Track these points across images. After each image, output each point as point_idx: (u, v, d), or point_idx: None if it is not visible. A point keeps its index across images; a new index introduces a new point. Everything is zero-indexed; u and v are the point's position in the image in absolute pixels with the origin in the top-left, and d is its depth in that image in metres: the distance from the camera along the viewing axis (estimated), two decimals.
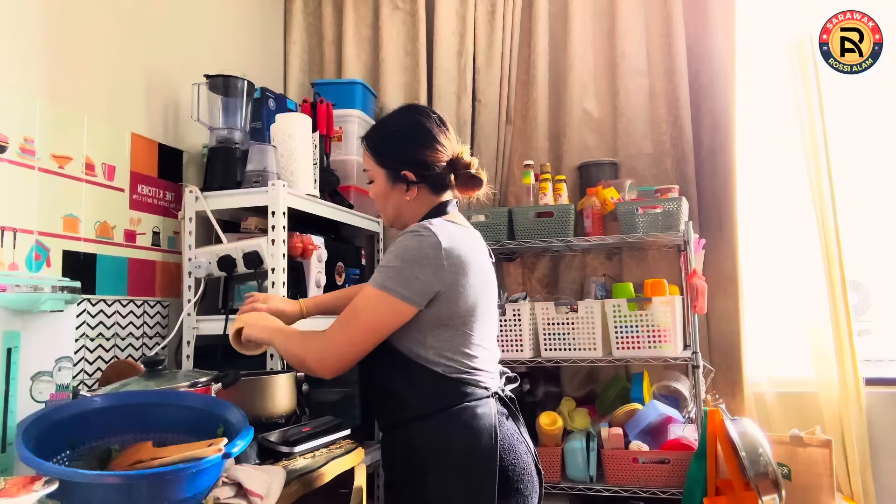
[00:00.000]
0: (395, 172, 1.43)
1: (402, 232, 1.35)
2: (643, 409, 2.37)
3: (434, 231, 1.30)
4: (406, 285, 1.27)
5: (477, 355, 1.35)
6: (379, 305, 1.28)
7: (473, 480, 1.27)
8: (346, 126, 2.63)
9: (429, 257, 1.28)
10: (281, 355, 1.45)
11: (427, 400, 1.31)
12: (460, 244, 1.33)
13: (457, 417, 1.30)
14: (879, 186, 2.64)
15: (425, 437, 1.30)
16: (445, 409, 1.30)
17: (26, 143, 1.67)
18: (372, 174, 1.48)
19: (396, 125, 1.48)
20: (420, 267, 1.27)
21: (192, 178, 2.27)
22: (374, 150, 1.47)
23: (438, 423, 1.30)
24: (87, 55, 1.89)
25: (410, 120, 1.47)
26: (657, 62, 2.74)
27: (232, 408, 1.18)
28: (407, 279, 1.27)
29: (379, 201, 1.49)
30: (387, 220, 1.51)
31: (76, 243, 1.81)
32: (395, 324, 1.29)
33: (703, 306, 2.30)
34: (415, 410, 1.31)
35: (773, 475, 1.93)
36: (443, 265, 1.28)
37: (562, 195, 2.59)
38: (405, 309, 1.28)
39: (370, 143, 1.49)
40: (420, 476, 1.29)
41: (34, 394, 1.14)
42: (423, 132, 1.43)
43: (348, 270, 2.44)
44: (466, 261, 1.32)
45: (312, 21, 3.07)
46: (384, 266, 1.30)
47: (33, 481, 0.88)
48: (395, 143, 1.45)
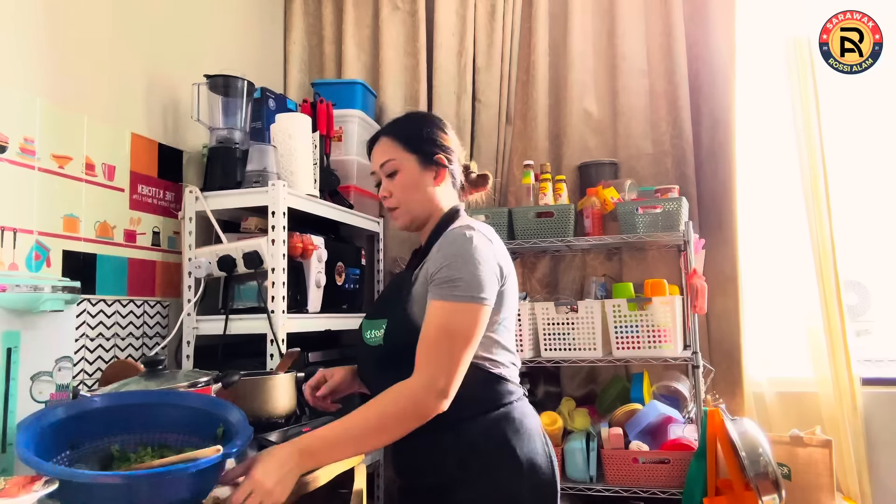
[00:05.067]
0: (426, 157, 1.41)
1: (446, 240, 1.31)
2: (643, 409, 2.37)
3: (480, 230, 1.32)
4: (483, 289, 1.25)
5: (513, 352, 1.38)
6: (467, 317, 1.24)
7: (537, 481, 1.30)
8: (346, 126, 2.63)
9: (487, 257, 1.28)
10: (364, 449, 1.24)
11: (481, 398, 1.30)
12: (498, 241, 1.37)
13: (510, 416, 1.31)
14: (879, 186, 2.64)
15: (483, 435, 1.29)
16: (499, 406, 1.31)
17: (26, 143, 1.67)
18: (397, 164, 1.41)
19: (418, 115, 1.50)
20: (487, 268, 1.27)
21: (192, 178, 2.27)
22: (403, 136, 1.42)
23: (495, 421, 1.30)
24: (87, 55, 1.89)
25: (429, 114, 1.50)
26: (657, 62, 2.74)
27: (232, 408, 1.17)
28: (481, 283, 1.25)
29: (406, 193, 1.41)
30: (408, 215, 1.42)
31: (76, 243, 1.81)
32: (483, 329, 1.27)
33: (703, 306, 2.30)
34: (469, 409, 1.28)
35: (773, 475, 1.93)
36: (498, 263, 1.31)
37: (562, 195, 2.59)
38: (487, 312, 1.27)
39: (396, 130, 1.44)
40: (480, 475, 1.27)
41: (34, 394, 1.14)
42: (444, 124, 1.47)
43: (348, 270, 2.44)
44: (507, 258, 1.36)
45: (312, 21, 3.07)
46: (453, 279, 1.25)
47: (33, 481, 0.88)
48: (424, 127, 1.44)
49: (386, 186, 1.43)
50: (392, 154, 1.42)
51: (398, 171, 1.41)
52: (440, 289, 1.25)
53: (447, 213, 1.42)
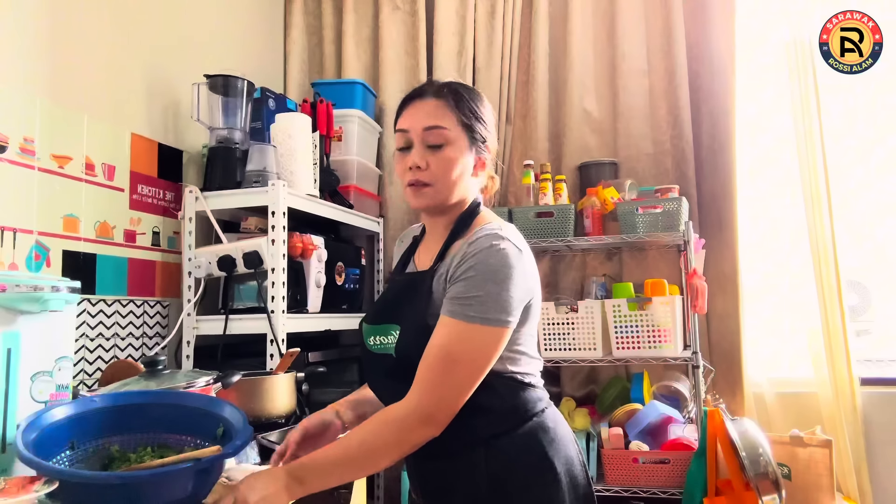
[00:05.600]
0: (475, 141, 1.26)
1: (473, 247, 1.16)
2: (643, 409, 2.37)
3: (510, 238, 1.17)
4: (505, 309, 1.13)
5: (538, 358, 1.29)
6: (476, 341, 1.12)
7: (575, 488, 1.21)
8: (345, 126, 2.63)
9: (516, 271, 1.14)
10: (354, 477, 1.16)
11: (513, 411, 1.20)
12: (526, 248, 1.22)
13: (544, 425, 1.21)
14: (879, 186, 2.64)
15: (519, 449, 1.19)
16: (532, 417, 1.21)
17: (26, 143, 1.67)
18: (449, 135, 1.22)
19: (475, 91, 1.33)
20: (513, 285, 1.13)
21: (192, 178, 2.27)
22: (464, 108, 1.25)
23: (531, 433, 1.20)
24: (87, 55, 1.89)
25: (482, 94, 1.35)
26: (657, 62, 2.74)
27: (232, 408, 1.17)
28: (502, 303, 1.12)
29: (447, 172, 1.22)
30: (439, 196, 1.24)
31: (76, 243, 1.81)
32: (499, 353, 1.15)
33: (703, 306, 2.30)
34: (502, 424, 1.19)
35: (773, 475, 1.93)
36: (526, 272, 1.18)
37: (562, 195, 2.59)
38: (507, 333, 1.14)
39: (456, 97, 1.25)
40: (517, 493, 1.17)
41: (34, 394, 1.14)
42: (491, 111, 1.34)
43: (348, 270, 2.44)
44: (534, 267, 1.24)
45: (312, 21, 3.07)
46: (469, 296, 1.12)
47: (33, 481, 0.88)
48: (482, 106, 1.29)
49: (423, 155, 1.22)
50: (446, 122, 1.22)
51: (447, 143, 1.22)
52: (453, 304, 1.13)
53: (471, 205, 1.29)
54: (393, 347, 1.20)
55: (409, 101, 1.27)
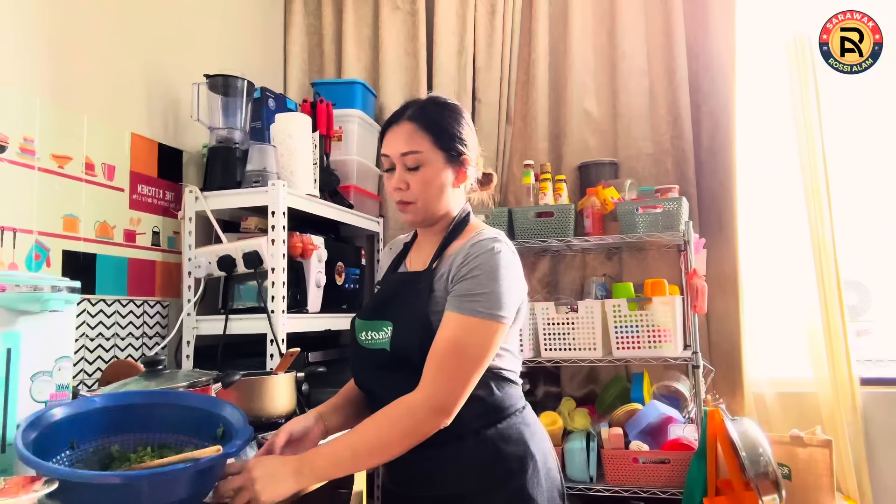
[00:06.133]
0: (452, 156, 1.31)
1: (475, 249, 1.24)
2: (643, 409, 2.37)
3: (504, 242, 1.29)
4: (505, 307, 1.22)
5: (519, 357, 1.36)
6: (483, 335, 1.20)
7: (551, 481, 1.30)
8: (345, 126, 2.63)
9: (512, 274, 1.26)
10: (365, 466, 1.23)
11: (500, 404, 1.28)
12: (516, 253, 1.32)
13: (526, 419, 1.31)
14: (880, 186, 2.64)
15: (505, 440, 1.26)
16: (515, 411, 1.30)
17: (26, 143, 1.67)
18: (423, 158, 1.29)
19: (447, 105, 1.37)
20: (511, 284, 1.24)
21: (192, 178, 2.27)
22: (434, 128, 1.30)
23: (514, 425, 1.28)
24: (87, 55, 1.89)
25: (457, 105, 1.38)
26: (657, 62, 2.74)
27: (232, 408, 1.17)
28: (504, 301, 1.22)
29: (427, 190, 1.30)
30: (424, 212, 1.32)
31: (76, 243, 1.81)
32: (497, 348, 1.24)
33: (703, 306, 2.30)
34: (490, 416, 1.26)
35: (773, 475, 1.93)
36: (520, 274, 1.30)
37: (562, 195, 2.59)
38: (505, 330, 1.24)
39: (425, 119, 1.31)
40: (501, 481, 1.25)
41: (34, 394, 1.14)
42: (468, 118, 1.38)
43: (348, 270, 2.44)
44: (519, 263, 1.33)
45: (312, 21, 3.07)
46: (476, 293, 1.20)
47: (33, 481, 0.88)
48: (453, 121, 1.34)
49: (403, 178, 1.30)
50: (418, 145, 1.29)
51: (422, 165, 1.29)
52: (460, 301, 1.21)
53: (461, 214, 1.37)
54: (387, 342, 1.26)
55: (387, 127, 1.35)
